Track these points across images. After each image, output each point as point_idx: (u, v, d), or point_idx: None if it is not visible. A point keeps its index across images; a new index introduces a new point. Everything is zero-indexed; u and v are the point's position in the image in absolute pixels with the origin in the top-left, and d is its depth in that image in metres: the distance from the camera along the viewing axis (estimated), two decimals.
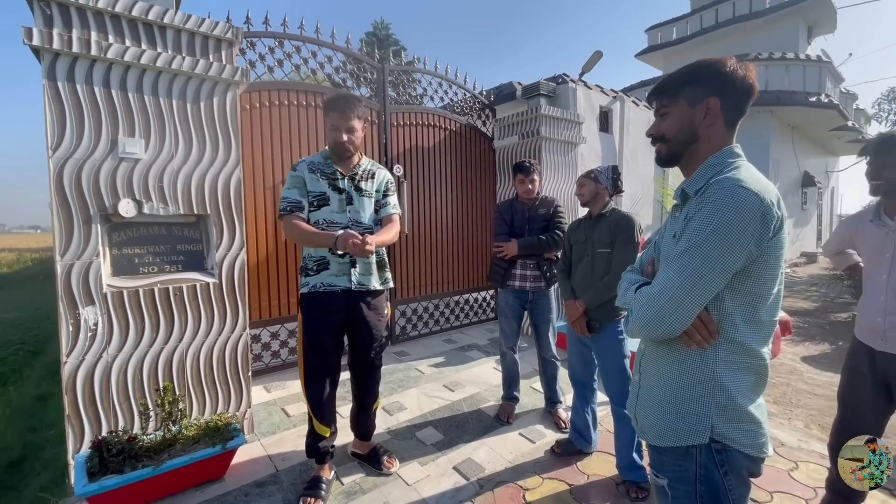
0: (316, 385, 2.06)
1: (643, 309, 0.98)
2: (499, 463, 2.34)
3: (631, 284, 1.11)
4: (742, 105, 1.02)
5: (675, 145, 1.07)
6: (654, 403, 1.07)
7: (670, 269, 0.95)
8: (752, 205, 0.89)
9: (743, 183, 0.91)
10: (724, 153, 1.02)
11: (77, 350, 2.01)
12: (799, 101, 10.96)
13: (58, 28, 1.92)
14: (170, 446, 2.01)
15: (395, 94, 4.17)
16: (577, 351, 2.39)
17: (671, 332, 0.95)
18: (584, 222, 2.33)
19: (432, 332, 4.49)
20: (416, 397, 3.08)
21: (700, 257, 0.91)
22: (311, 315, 2.03)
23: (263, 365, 3.38)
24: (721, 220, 0.89)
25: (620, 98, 5.74)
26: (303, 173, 2.00)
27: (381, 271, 2.17)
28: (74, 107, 1.98)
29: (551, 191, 4.56)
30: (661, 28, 17.48)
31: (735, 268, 0.91)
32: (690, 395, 0.99)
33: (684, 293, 0.92)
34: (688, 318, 0.93)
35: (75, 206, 1.99)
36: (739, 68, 1.00)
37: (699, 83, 1.02)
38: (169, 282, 2.23)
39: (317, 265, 2.02)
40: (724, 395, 0.96)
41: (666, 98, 1.08)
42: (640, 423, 1.12)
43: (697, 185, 1.01)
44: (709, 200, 0.92)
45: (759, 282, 0.94)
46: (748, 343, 0.96)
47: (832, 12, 14.45)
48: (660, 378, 1.06)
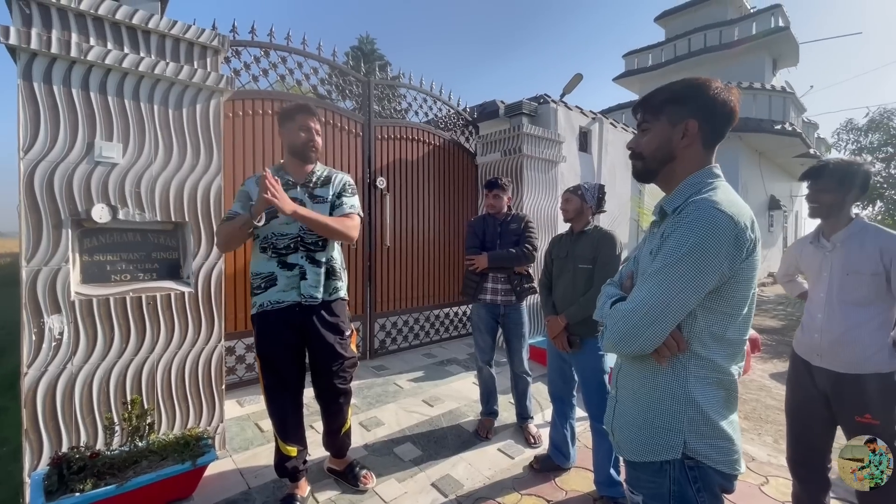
0: (276, 406, 2.00)
1: (617, 325, 0.99)
2: (477, 479, 2.32)
3: (608, 298, 1.11)
4: (722, 129, 1.03)
5: (651, 163, 1.08)
6: (630, 418, 1.07)
7: (645, 287, 0.97)
8: (726, 227, 0.91)
9: (719, 205, 0.93)
10: (703, 173, 1.03)
11: (39, 361, 1.91)
12: (765, 129, 11.53)
13: (37, 28, 1.87)
14: (136, 462, 1.92)
15: (379, 108, 4.20)
16: (557, 366, 2.40)
17: (644, 349, 0.97)
18: (566, 238, 2.37)
19: (412, 347, 4.45)
20: (394, 412, 3.04)
21: (674, 276, 0.92)
22: (264, 336, 1.95)
23: (237, 378, 3.28)
24: (696, 241, 0.91)
25: (599, 119, 5.93)
26: (248, 188, 1.93)
27: (329, 280, 1.99)
28: (50, 108, 1.93)
29: (532, 207, 4.64)
30: (638, 54, 18.21)
31: (708, 288, 0.93)
32: (663, 410, 1.00)
33: (658, 311, 0.93)
34: (661, 335, 0.95)
35: (45, 210, 1.92)
36: (723, 92, 1.00)
37: (681, 103, 1.03)
38: (142, 290, 2.16)
39: (265, 282, 1.92)
40: (695, 411, 0.97)
41: (648, 113, 1.08)
42: (617, 437, 1.13)
43: (676, 204, 1.02)
44: (685, 221, 0.94)
45: (730, 302, 0.96)
46: (716, 359, 0.97)
47: (795, 47, 15.39)
48: (634, 393, 1.07)
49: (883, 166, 13.34)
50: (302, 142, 1.96)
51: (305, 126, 1.96)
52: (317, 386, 2.11)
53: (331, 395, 2.09)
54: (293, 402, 2.04)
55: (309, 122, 1.97)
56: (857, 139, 13.79)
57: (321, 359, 2.02)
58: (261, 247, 1.94)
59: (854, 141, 13.86)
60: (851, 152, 13.97)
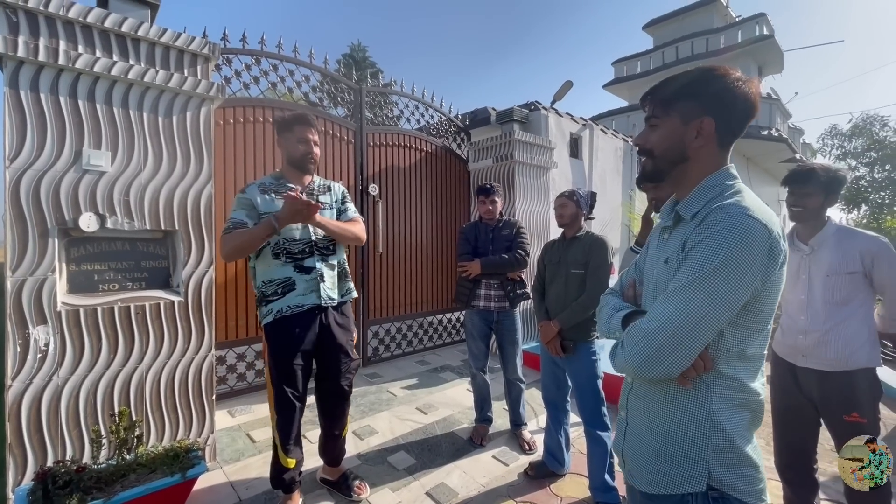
0: (285, 417, 1.96)
1: (638, 346, 0.87)
2: (472, 487, 2.31)
3: (615, 311, 1.02)
4: (740, 126, 0.92)
5: (662, 163, 0.97)
6: (644, 445, 0.97)
7: (670, 304, 0.85)
8: (760, 236, 0.81)
9: (751, 212, 0.83)
10: (721, 174, 0.93)
11: (24, 373, 1.87)
12: (752, 134, 11.72)
13: (24, 36, 1.86)
14: (123, 476, 1.88)
15: (371, 115, 4.20)
16: (550, 372, 2.41)
17: (670, 373, 0.86)
18: (558, 243, 2.39)
19: (405, 354, 4.43)
20: (387, 420, 3.01)
21: (704, 293, 0.81)
22: (282, 344, 1.92)
23: (228, 388, 3.24)
24: (728, 252, 0.80)
25: (590, 126, 5.99)
26: (252, 196, 1.90)
27: (343, 281, 2.08)
28: (37, 116, 1.90)
29: (524, 213, 4.66)
30: (627, 62, 18.49)
31: (741, 304, 0.83)
32: (684, 436, 0.89)
33: (686, 332, 0.82)
34: (689, 358, 0.84)
35: (31, 219, 1.89)
36: (742, 84, 0.89)
37: (695, 98, 0.91)
38: (130, 300, 2.13)
39: (281, 287, 1.91)
40: (720, 437, 0.87)
41: (658, 107, 0.97)
42: (629, 465, 1.01)
43: (695, 208, 0.92)
44: (715, 229, 0.83)
45: (757, 317, 0.87)
46: (742, 378, 0.88)
47: (780, 55, 15.72)
48: (650, 417, 0.96)
49: (867, 170, 13.63)
50: (301, 154, 1.97)
51: (304, 138, 1.96)
52: (322, 389, 2.10)
53: (336, 396, 2.11)
54: (300, 411, 2.02)
55: (307, 133, 1.97)
56: (842, 144, 14.10)
57: (332, 359, 2.04)
58: (273, 253, 1.92)
59: (839, 146, 14.16)
60: (836, 157, 14.27)
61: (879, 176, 13.28)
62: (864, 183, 13.53)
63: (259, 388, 3.35)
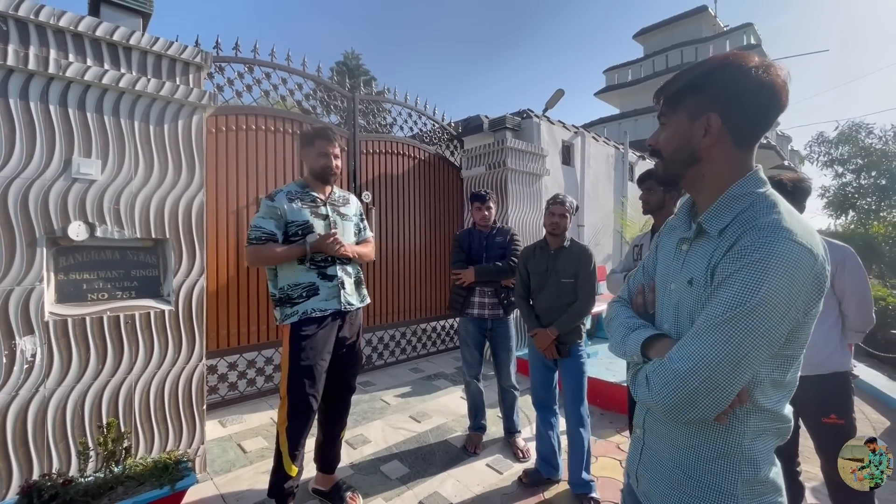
0: (301, 422, 1.98)
1: (668, 388, 0.78)
2: (466, 496, 2.29)
3: (629, 330, 0.94)
4: (757, 121, 0.80)
5: (672, 165, 0.89)
6: (666, 472, 0.90)
7: (705, 343, 0.75)
8: (806, 266, 0.71)
9: (794, 235, 0.72)
10: (749, 181, 0.81)
11: (10, 384, 1.84)
12: None
13: (13, 44, 1.85)
14: (111, 489, 1.84)
15: (364, 123, 4.22)
16: (540, 375, 2.44)
17: (704, 417, 0.77)
18: (541, 252, 2.41)
19: (398, 361, 4.41)
20: (381, 429, 2.99)
21: (744, 332, 0.72)
22: (306, 343, 1.97)
23: (219, 398, 3.21)
24: (772, 286, 0.70)
25: (581, 133, 6.05)
26: (281, 204, 1.98)
27: (360, 288, 2.21)
28: (26, 125, 1.89)
29: (517, 219, 4.68)
30: (618, 70, 18.74)
31: (783, 341, 0.75)
32: (712, 470, 0.82)
33: (724, 375, 0.73)
34: (725, 401, 0.75)
35: (19, 228, 1.87)
36: (757, 72, 0.77)
37: (701, 92, 0.82)
38: (120, 309, 2.11)
39: (306, 291, 1.99)
40: (751, 469, 0.80)
41: (666, 105, 0.89)
42: (646, 488, 0.95)
43: (721, 223, 0.81)
44: (753, 258, 0.72)
45: (793, 344, 0.78)
46: (776, 408, 0.81)
47: None
48: (673, 444, 0.88)
49: (854, 177, 13.85)
50: (321, 167, 2.07)
51: (324, 152, 2.06)
52: (335, 384, 2.15)
53: (346, 394, 2.22)
54: (312, 420, 2.05)
55: (328, 148, 2.07)
56: (829, 151, 14.32)
57: (345, 357, 2.14)
58: (298, 259, 2.01)
59: (826, 153, 14.38)
60: (823, 164, 14.49)
61: (866, 182, 13.50)
62: (851, 189, 13.75)
63: (251, 398, 3.32)
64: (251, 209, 3.32)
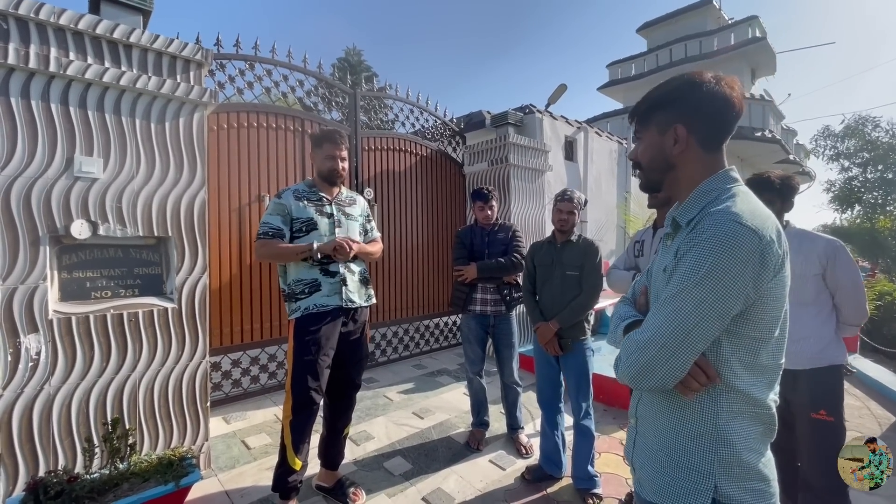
0: (304, 416, 2.01)
1: (631, 358, 0.87)
2: (469, 492, 2.30)
3: (621, 320, 1.02)
4: (720, 125, 0.93)
5: (651, 173, 1.01)
6: (652, 455, 0.96)
7: (660, 315, 0.85)
8: (749, 244, 0.80)
9: (740, 218, 0.81)
10: (718, 178, 0.93)
11: (15, 382, 1.85)
12: (746, 136, 11.79)
13: (14, 43, 1.85)
14: (116, 486, 1.86)
15: (366, 119, 4.21)
16: (545, 373, 2.43)
17: (664, 384, 0.85)
18: (549, 245, 2.41)
19: (402, 358, 4.42)
20: (384, 426, 3.00)
21: (692, 303, 0.81)
22: (309, 337, 2.00)
23: (223, 395, 3.22)
24: (715, 261, 0.80)
25: (584, 129, 6.01)
26: (287, 201, 2.05)
27: (365, 287, 2.22)
28: (28, 124, 1.89)
29: (519, 216, 4.67)
30: (621, 64, 18.58)
31: (732, 313, 0.82)
32: (690, 449, 0.88)
33: (676, 343, 0.82)
34: (681, 369, 0.83)
35: (22, 226, 1.88)
36: (710, 85, 0.90)
37: (665, 108, 0.95)
38: (123, 307, 2.11)
39: (308, 287, 2.03)
40: (728, 450, 0.86)
41: (639, 123, 1.01)
42: (638, 474, 1.02)
43: (690, 215, 0.91)
44: (701, 238, 0.83)
45: (757, 326, 0.85)
46: (750, 391, 0.86)
47: (772, 56, 15.83)
48: (657, 428, 0.96)
49: (860, 171, 13.71)
50: (328, 169, 2.13)
51: (331, 155, 2.12)
52: (336, 378, 2.16)
53: (350, 390, 2.24)
54: (315, 415, 2.07)
55: (335, 151, 2.12)
56: (835, 145, 14.17)
57: (350, 353, 2.16)
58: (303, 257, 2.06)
59: (832, 147, 14.24)
60: (829, 158, 14.35)
61: (872, 176, 13.34)
62: (857, 183, 13.60)
63: (254, 395, 3.34)
64: (253, 206, 3.32)
